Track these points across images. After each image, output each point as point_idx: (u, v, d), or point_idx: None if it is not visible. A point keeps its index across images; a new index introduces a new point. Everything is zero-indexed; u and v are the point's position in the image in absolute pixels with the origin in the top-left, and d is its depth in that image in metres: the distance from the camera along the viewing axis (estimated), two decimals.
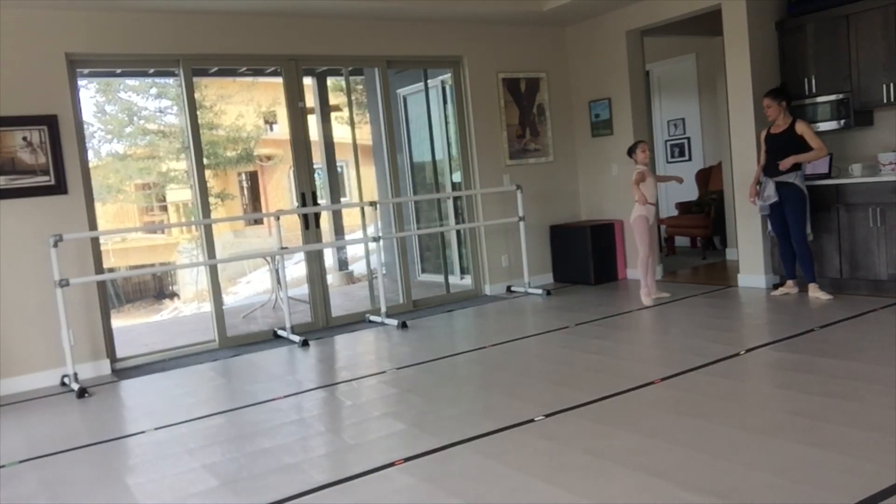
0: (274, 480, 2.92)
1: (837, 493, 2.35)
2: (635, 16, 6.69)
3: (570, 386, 3.83)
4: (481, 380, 4.20)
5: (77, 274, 5.00)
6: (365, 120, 8.75)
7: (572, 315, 5.69)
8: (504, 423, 3.28)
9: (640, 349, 4.65)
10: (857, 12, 5.48)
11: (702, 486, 2.49)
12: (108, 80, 10.47)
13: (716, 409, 3.28)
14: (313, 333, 5.91)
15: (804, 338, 4.36)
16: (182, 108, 5.72)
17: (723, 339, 4.51)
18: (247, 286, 11.89)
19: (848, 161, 5.81)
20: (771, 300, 5.56)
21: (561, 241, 7.25)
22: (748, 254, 6.13)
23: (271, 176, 14.63)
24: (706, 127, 8.63)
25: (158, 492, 2.94)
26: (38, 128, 4.97)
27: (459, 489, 2.66)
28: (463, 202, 7.23)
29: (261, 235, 13.52)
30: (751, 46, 5.85)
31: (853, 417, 3.00)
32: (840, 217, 5.50)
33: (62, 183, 5.05)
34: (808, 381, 3.52)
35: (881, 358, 3.78)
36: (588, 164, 7.38)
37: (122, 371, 5.25)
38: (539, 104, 7.30)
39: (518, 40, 7.12)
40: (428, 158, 7.76)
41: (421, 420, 3.52)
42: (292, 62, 6.04)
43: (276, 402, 4.07)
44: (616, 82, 6.98)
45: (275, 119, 13.19)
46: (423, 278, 8.02)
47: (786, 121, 5.39)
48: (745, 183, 5.99)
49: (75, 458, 3.46)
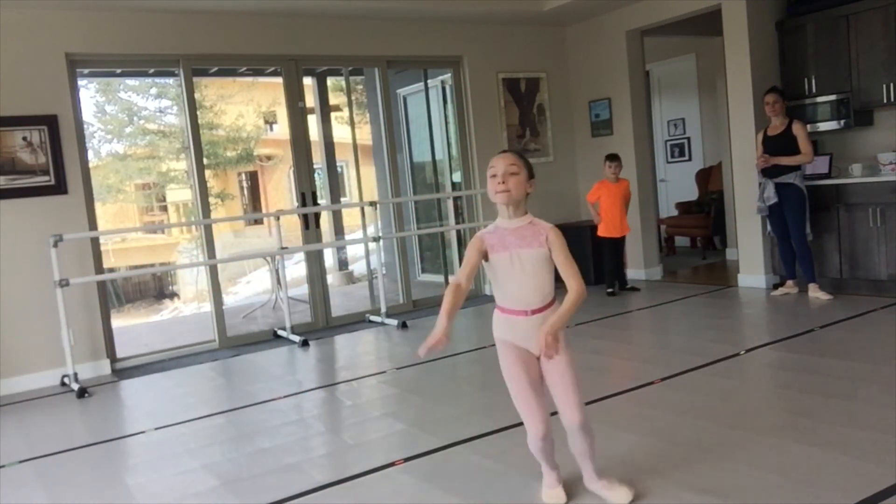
0: (274, 480, 2.92)
1: (837, 493, 2.34)
2: (635, 16, 6.69)
3: None
4: (481, 380, 4.20)
5: (77, 274, 5.00)
6: (365, 120, 8.75)
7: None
8: (504, 423, 3.27)
9: (639, 349, 4.65)
10: (857, 12, 5.48)
11: (702, 486, 2.49)
12: (108, 80, 10.47)
13: (716, 409, 3.28)
14: (313, 333, 5.90)
15: (804, 338, 4.36)
16: (182, 108, 5.72)
17: (723, 339, 4.51)
18: (247, 286, 11.90)
19: (848, 161, 5.80)
20: (771, 300, 5.56)
21: None
22: (748, 254, 6.13)
23: (271, 176, 14.63)
24: (706, 127, 8.63)
25: (158, 492, 2.94)
26: (38, 128, 4.96)
27: (459, 489, 2.66)
28: (463, 202, 7.22)
29: (261, 235, 13.51)
30: (751, 46, 5.85)
31: (853, 417, 3.00)
32: (840, 217, 5.50)
33: (62, 183, 5.05)
34: (808, 381, 3.52)
35: (881, 358, 3.78)
36: (588, 164, 7.37)
37: (122, 371, 5.25)
38: (539, 104, 7.30)
39: (518, 40, 7.12)
40: (428, 158, 7.76)
41: (421, 420, 3.51)
42: (292, 62, 6.04)
43: (276, 402, 4.07)
44: (616, 82, 6.98)
45: (275, 119, 13.19)
46: (423, 278, 8.01)
47: (783, 122, 5.39)
48: (745, 183, 5.99)
49: (75, 458, 3.45)
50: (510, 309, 2.36)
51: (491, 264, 2.34)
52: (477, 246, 2.31)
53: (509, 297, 2.35)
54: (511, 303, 2.36)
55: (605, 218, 6.32)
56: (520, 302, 2.34)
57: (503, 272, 2.32)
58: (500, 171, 2.28)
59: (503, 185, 2.28)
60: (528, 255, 2.31)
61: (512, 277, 2.32)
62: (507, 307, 2.37)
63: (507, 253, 2.30)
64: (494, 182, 2.29)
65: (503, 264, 2.31)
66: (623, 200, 6.33)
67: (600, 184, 6.36)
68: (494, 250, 2.32)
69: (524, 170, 2.32)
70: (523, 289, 2.33)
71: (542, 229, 2.31)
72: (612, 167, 6.27)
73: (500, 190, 2.28)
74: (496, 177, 2.29)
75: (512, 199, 2.30)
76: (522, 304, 2.34)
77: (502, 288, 2.36)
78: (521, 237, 2.31)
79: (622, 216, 6.33)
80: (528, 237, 2.31)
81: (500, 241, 2.32)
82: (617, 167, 6.28)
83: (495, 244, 2.31)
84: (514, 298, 2.34)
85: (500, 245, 2.31)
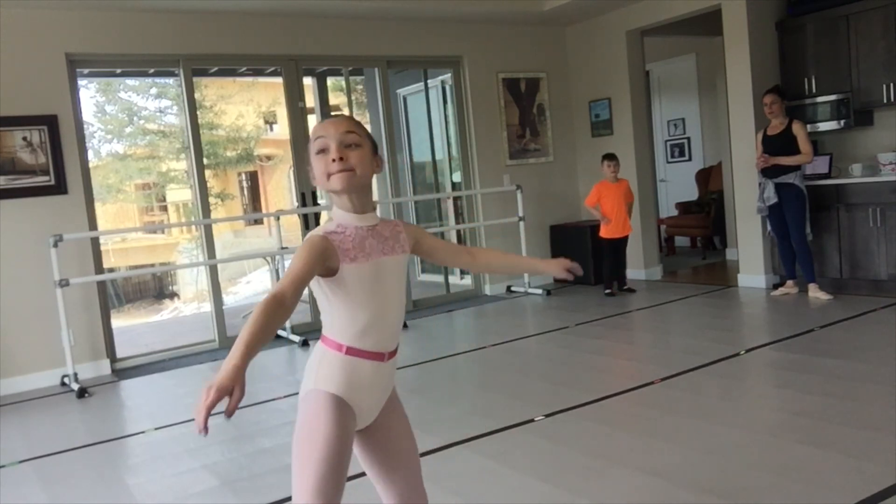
0: (274, 480, 2.92)
1: (837, 493, 2.34)
2: (635, 16, 6.69)
3: (570, 386, 3.83)
4: (481, 380, 4.20)
5: (77, 274, 5.00)
6: (365, 120, 8.75)
7: (572, 315, 5.69)
8: (504, 423, 3.27)
9: (639, 349, 4.65)
10: (857, 12, 5.48)
11: (702, 486, 2.49)
12: (108, 80, 10.47)
13: (716, 409, 3.28)
14: (313, 333, 5.90)
15: (804, 338, 4.36)
16: (182, 108, 5.72)
17: (723, 339, 4.51)
18: (247, 286, 11.91)
19: (848, 161, 5.80)
20: (771, 300, 5.56)
21: (561, 241, 7.25)
22: (748, 254, 6.13)
23: (271, 176, 14.64)
24: (706, 127, 8.63)
25: (158, 492, 2.94)
26: (38, 128, 4.96)
27: (459, 489, 2.66)
28: (463, 202, 7.22)
29: (261, 235, 13.53)
30: (751, 46, 5.85)
31: (853, 417, 3.00)
32: (840, 217, 5.50)
33: (62, 183, 5.05)
34: (808, 381, 3.52)
35: (881, 358, 3.78)
36: (588, 164, 7.37)
37: (122, 371, 5.25)
38: (539, 104, 7.30)
39: (518, 40, 7.12)
40: (428, 158, 7.76)
41: (421, 420, 3.51)
42: (292, 62, 6.04)
43: (276, 402, 4.07)
44: (616, 82, 6.98)
45: (275, 119, 13.20)
46: (423, 278, 8.01)
47: (783, 122, 5.39)
48: (745, 183, 5.99)
49: (75, 458, 3.45)
50: (364, 350, 1.58)
51: (340, 280, 1.53)
52: (319, 249, 1.49)
53: (366, 332, 1.58)
54: (367, 340, 1.58)
55: (610, 219, 6.29)
56: (380, 338, 1.60)
57: (360, 292, 1.55)
58: (333, 143, 1.54)
59: (342, 161, 1.53)
60: (394, 265, 1.62)
61: (373, 300, 1.57)
62: (358, 346, 1.58)
63: (368, 263, 1.56)
64: (326, 159, 1.54)
65: (362, 280, 1.55)
66: (625, 200, 6.32)
67: (599, 185, 6.34)
68: (350, 258, 1.53)
69: (367, 140, 1.59)
70: (387, 317, 1.61)
71: (396, 225, 1.69)
72: (611, 166, 6.26)
73: (339, 169, 1.53)
74: (327, 151, 1.54)
75: (356, 183, 1.55)
76: (382, 341, 1.61)
77: (353, 317, 1.57)
78: (381, 240, 1.61)
79: (624, 216, 6.32)
80: (388, 239, 1.63)
81: (357, 246, 1.55)
82: (615, 166, 6.27)
83: (350, 249, 1.54)
84: (373, 332, 1.59)
85: (358, 251, 1.55)
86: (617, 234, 6.31)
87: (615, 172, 6.27)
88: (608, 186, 6.29)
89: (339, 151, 1.53)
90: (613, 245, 6.36)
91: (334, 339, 1.59)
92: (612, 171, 6.26)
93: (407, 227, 1.71)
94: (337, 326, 1.58)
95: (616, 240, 6.34)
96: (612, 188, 6.28)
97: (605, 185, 6.31)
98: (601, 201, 6.29)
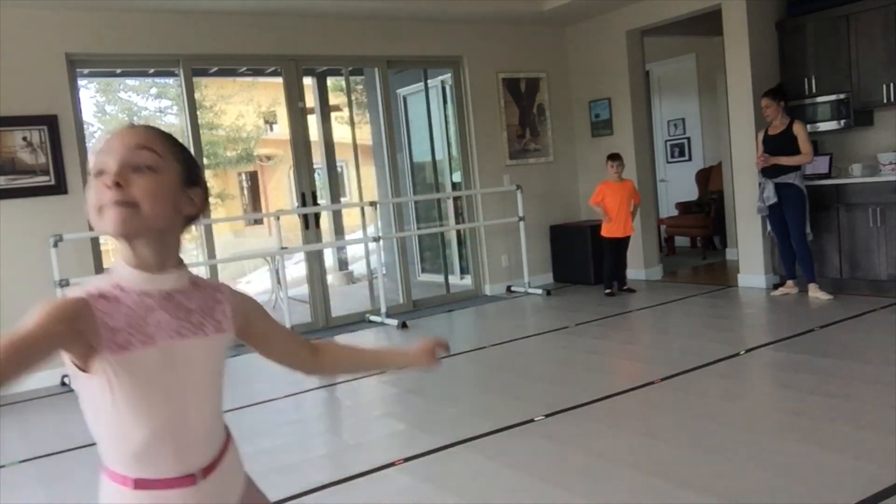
0: (274, 480, 2.92)
1: (837, 493, 2.34)
2: (635, 16, 6.69)
3: (570, 386, 3.83)
4: (481, 380, 4.20)
5: (77, 274, 4.99)
6: (365, 120, 8.75)
7: (572, 315, 5.69)
8: (504, 423, 3.27)
9: (639, 349, 4.65)
10: (857, 12, 5.48)
11: (702, 486, 2.48)
12: (108, 80, 10.48)
13: (716, 409, 3.28)
14: (313, 333, 5.90)
15: (804, 338, 4.36)
16: (182, 108, 5.72)
17: (723, 339, 4.51)
18: (247, 286, 11.89)
19: (848, 161, 5.80)
20: (771, 300, 5.56)
21: (561, 241, 7.25)
22: (748, 254, 6.13)
23: (271, 176, 14.64)
24: (706, 127, 8.63)
25: None
26: (38, 128, 4.96)
27: (459, 489, 2.66)
28: (463, 202, 7.22)
29: (261, 235, 13.52)
30: (751, 46, 5.85)
31: (853, 417, 3.00)
32: (840, 217, 5.50)
33: (62, 183, 5.05)
34: (808, 381, 3.52)
35: (881, 358, 3.78)
36: (588, 164, 7.37)
37: None
38: (539, 104, 7.30)
39: (518, 40, 7.12)
40: (428, 158, 7.76)
41: (421, 420, 3.51)
42: (292, 62, 6.04)
43: (276, 402, 4.07)
44: (616, 82, 6.98)
45: (275, 119, 13.20)
46: (423, 278, 8.01)
47: (783, 122, 5.39)
48: (745, 183, 5.99)
49: (75, 458, 3.45)
50: (160, 479, 1.09)
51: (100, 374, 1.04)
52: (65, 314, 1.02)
53: (151, 450, 1.08)
54: (159, 462, 1.09)
55: (611, 217, 6.30)
56: (181, 454, 1.11)
57: (135, 395, 1.06)
58: (112, 162, 1.04)
59: (118, 190, 1.03)
60: (199, 353, 1.13)
61: (159, 406, 1.08)
62: (150, 475, 1.09)
63: (148, 350, 1.06)
64: (100, 186, 1.05)
65: (136, 376, 1.05)
66: (629, 200, 6.32)
67: (603, 185, 6.36)
68: (117, 343, 1.03)
69: (174, 163, 1.09)
70: (188, 422, 1.11)
71: (216, 291, 1.19)
72: (615, 166, 6.28)
73: (113, 201, 1.04)
74: (104, 174, 1.05)
75: (142, 227, 1.06)
76: (186, 457, 1.11)
77: (127, 432, 1.07)
78: (181, 314, 1.11)
79: (627, 216, 6.32)
80: (194, 313, 1.13)
81: (134, 323, 1.05)
82: (619, 166, 6.28)
83: (121, 328, 1.04)
84: (166, 449, 1.09)
85: (134, 330, 1.05)
86: (618, 234, 6.32)
87: (619, 172, 6.29)
88: (612, 186, 6.31)
89: (119, 175, 1.03)
90: (614, 245, 6.37)
91: (112, 469, 1.09)
92: (615, 171, 6.28)
93: (235, 297, 1.21)
94: (108, 445, 1.09)
95: (617, 240, 6.35)
96: (615, 188, 6.29)
97: (609, 185, 6.32)
98: (604, 200, 6.31)
